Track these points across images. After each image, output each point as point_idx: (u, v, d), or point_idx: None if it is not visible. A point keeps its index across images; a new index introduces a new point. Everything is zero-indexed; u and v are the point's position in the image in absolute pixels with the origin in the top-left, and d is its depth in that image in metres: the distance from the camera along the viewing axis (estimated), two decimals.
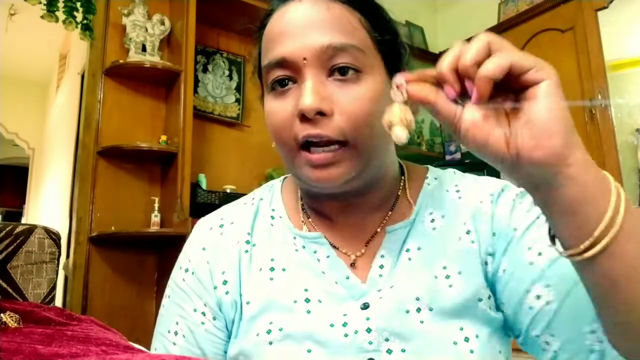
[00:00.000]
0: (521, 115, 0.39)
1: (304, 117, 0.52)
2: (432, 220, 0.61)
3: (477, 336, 0.54)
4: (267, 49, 0.56)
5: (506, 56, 0.38)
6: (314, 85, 0.52)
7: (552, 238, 0.44)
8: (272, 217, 0.65)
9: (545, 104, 0.38)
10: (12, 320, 0.44)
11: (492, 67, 0.38)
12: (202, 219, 0.69)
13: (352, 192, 0.58)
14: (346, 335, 0.54)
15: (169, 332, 0.61)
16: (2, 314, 0.44)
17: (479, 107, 0.40)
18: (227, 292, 0.60)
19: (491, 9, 3.21)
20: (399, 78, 0.42)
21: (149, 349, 0.62)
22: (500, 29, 2.96)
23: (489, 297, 0.57)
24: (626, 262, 0.39)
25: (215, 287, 0.61)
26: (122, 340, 0.41)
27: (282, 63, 0.54)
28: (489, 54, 0.39)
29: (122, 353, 0.34)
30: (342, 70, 0.53)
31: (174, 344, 0.60)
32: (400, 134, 0.41)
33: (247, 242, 0.63)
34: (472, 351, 0.53)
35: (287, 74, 0.54)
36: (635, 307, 0.41)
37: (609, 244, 0.38)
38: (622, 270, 0.39)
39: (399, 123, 0.41)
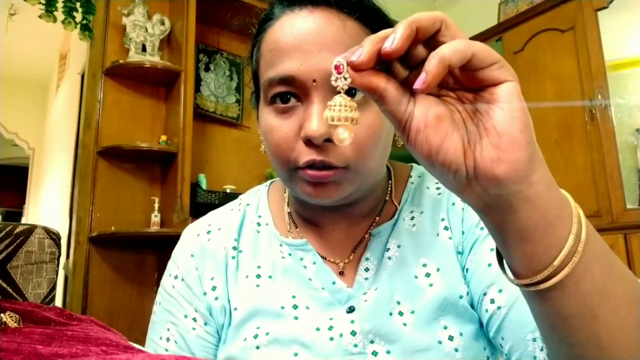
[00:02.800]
0: (481, 120, 0.33)
1: (309, 142, 0.50)
2: (412, 218, 0.61)
3: (461, 334, 0.54)
4: (272, 60, 0.53)
5: (467, 43, 0.31)
6: (322, 109, 0.49)
7: (501, 261, 0.39)
8: (259, 224, 0.65)
9: (510, 110, 0.32)
10: (12, 320, 0.44)
11: (450, 51, 0.31)
12: (190, 225, 0.69)
13: (345, 203, 0.58)
14: (332, 339, 0.54)
15: (160, 338, 0.61)
16: (2, 314, 0.44)
17: (433, 104, 0.34)
18: (216, 298, 0.60)
19: (491, 9, 3.20)
20: (340, 58, 0.34)
21: None
22: (500, 29, 2.96)
23: (468, 294, 0.57)
24: (580, 300, 0.35)
25: (204, 293, 0.61)
26: (122, 340, 0.41)
27: (289, 81, 0.51)
28: (434, 36, 0.33)
29: (122, 353, 0.34)
30: (350, 94, 0.48)
31: (166, 350, 0.60)
32: (343, 137, 0.34)
33: (234, 247, 0.63)
34: (456, 349, 0.53)
35: (292, 91, 0.52)
36: (582, 346, 0.37)
37: (566, 277, 0.34)
38: (575, 308, 0.35)
39: (342, 123, 0.34)
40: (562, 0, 2.61)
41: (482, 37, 3.05)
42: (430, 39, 0.33)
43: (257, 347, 0.56)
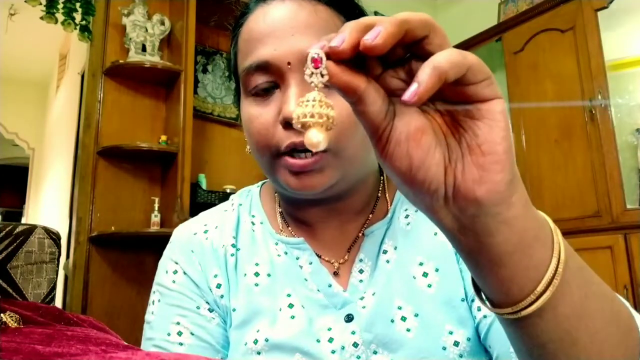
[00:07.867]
0: (463, 136, 0.30)
1: (287, 125, 0.49)
2: (407, 217, 0.59)
3: (468, 339, 0.52)
4: (247, 50, 0.53)
5: (463, 55, 0.28)
6: (299, 92, 0.49)
7: (477, 288, 0.36)
8: (253, 223, 0.63)
9: (497, 128, 0.29)
10: (12, 320, 0.44)
11: (448, 63, 0.27)
12: (181, 225, 0.66)
13: (333, 197, 0.56)
14: (333, 352, 0.53)
15: (169, 334, 0.56)
16: (2, 314, 0.44)
17: (415, 114, 0.30)
18: (221, 296, 0.58)
19: (491, 9, 3.20)
20: (317, 49, 0.28)
21: None
22: (500, 29, 2.96)
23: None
24: (559, 325, 0.32)
25: (210, 289, 0.58)
26: (121, 342, 0.41)
27: (264, 67, 0.51)
28: (420, 41, 0.29)
29: (121, 352, 0.34)
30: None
31: (180, 344, 0.55)
32: (316, 139, 0.28)
33: (233, 245, 0.61)
34: (461, 355, 0.52)
35: (270, 79, 0.52)
36: None
37: (547, 302, 0.31)
38: (553, 334, 0.33)
39: (315, 123, 0.28)
40: (562, 0, 2.61)
41: (482, 37, 3.05)
42: (413, 43, 0.29)
43: (259, 353, 0.54)
